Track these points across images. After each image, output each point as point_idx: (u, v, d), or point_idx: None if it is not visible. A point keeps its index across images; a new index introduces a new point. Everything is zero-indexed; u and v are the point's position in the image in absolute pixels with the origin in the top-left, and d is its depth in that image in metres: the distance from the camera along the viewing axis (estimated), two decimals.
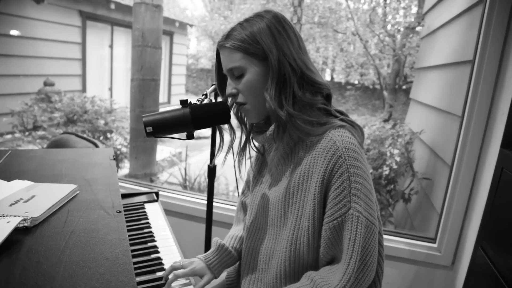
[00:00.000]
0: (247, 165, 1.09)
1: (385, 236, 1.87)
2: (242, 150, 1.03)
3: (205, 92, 1.05)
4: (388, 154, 3.00)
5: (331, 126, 0.87)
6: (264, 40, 0.86)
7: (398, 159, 2.97)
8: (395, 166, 2.91)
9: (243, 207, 1.20)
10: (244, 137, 1.03)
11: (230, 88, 0.93)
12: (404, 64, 4.85)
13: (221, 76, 0.98)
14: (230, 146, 1.04)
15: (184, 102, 0.88)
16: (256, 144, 1.06)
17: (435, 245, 1.80)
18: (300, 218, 0.88)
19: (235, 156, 1.03)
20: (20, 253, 0.72)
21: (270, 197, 0.97)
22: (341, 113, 0.94)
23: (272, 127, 0.91)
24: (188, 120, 0.87)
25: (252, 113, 0.93)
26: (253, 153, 1.09)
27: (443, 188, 1.80)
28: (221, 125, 1.01)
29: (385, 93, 5.14)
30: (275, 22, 0.88)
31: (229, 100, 0.94)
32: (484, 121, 1.60)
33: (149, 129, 0.86)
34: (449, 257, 1.75)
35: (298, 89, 0.87)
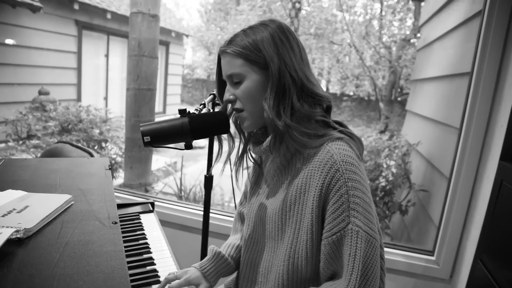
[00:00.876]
0: (244, 175, 1.08)
1: None
2: (240, 160, 1.01)
3: (203, 102, 1.04)
4: (385, 165, 3.00)
5: (329, 138, 0.85)
6: (267, 48, 0.85)
7: (394, 170, 2.97)
8: (391, 178, 2.91)
9: (241, 217, 1.18)
10: (242, 147, 1.02)
11: (228, 94, 0.91)
12: (400, 76, 4.90)
13: (221, 82, 0.97)
14: (229, 156, 1.03)
15: (182, 112, 0.87)
16: (253, 155, 1.05)
17: (433, 258, 1.78)
18: (298, 232, 0.86)
19: (232, 166, 1.02)
20: (12, 265, 0.69)
21: (267, 209, 0.95)
22: (341, 124, 0.93)
23: (269, 138, 0.90)
24: (187, 130, 0.85)
25: (248, 121, 0.92)
26: (251, 163, 1.08)
27: (441, 200, 1.79)
28: (220, 135, 1.00)
29: (381, 104, 5.17)
30: (279, 32, 0.87)
31: (229, 107, 0.93)
32: (482, 134, 1.60)
33: (147, 138, 0.84)
34: (448, 270, 1.73)
35: (297, 100, 0.85)
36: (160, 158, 5.53)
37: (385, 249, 1.84)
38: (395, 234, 3.00)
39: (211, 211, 2.08)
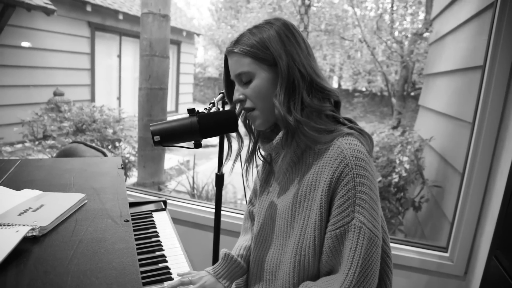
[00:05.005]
0: (254, 173, 1.08)
1: (395, 245, 1.84)
2: (250, 158, 1.02)
3: (212, 101, 1.05)
4: (398, 161, 2.96)
5: (339, 133, 0.86)
6: (274, 46, 0.86)
7: (407, 166, 2.93)
8: (404, 174, 2.88)
9: (251, 216, 1.19)
10: (251, 145, 1.03)
11: (237, 94, 0.92)
12: (412, 71, 4.83)
13: (229, 83, 0.98)
14: (238, 154, 1.03)
15: (191, 111, 0.88)
16: (263, 153, 1.06)
17: (447, 254, 1.76)
18: (305, 228, 0.86)
19: (242, 164, 1.03)
20: (28, 262, 0.71)
21: (277, 206, 0.96)
22: (350, 121, 0.93)
23: (279, 136, 0.91)
24: (196, 129, 0.87)
25: (260, 119, 0.93)
26: (260, 162, 1.08)
27: (454, 196, 1.77)
28: (229, 134, 1.00)
29: (394, 100, 5.11)
30: (284, 29, 0.88)
31: (237, 107, 0.94)
32: (496, 128, 1.57)
33: (157, 138, 0.86)
34: (462, 267, 1.71)
35: (307, 95, 0.86)
36: (173, 157, 5.58)
37: (398, 245, 1.84)
38: (408, 230, 2.97)
39: (223, 209, 2.10)
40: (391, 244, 1.84)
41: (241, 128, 1.01)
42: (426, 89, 3.77)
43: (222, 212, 2.05)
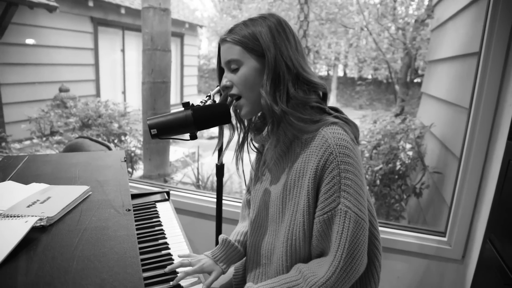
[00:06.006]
0: (247, 164, 1.13)
1: (395, 231, 1.87)
2: (240, 148, 1.06)
3: (209, 94, 1.09)
4: (400, 148, 2.99)
5: (324, 123, 0.90)
6: (264, 38, 0.90)
7: (410, 153, 2.95)
8: (407, 161, 2.90)
9: (248, 204, 1.24)
10: (242, 136, 1.07)
11: (225, 80, 0.96)
12: (415, 58, 4.80)
13: (221, 71, 1.02)
14: (228, 144, 1.08)
15: (186, 105, 0.92)
16: (256, 144, 1.10)
17: (445, 239, 1.79)
18: (295, 214, 0.91)
19: (234, 154, 1.07)
20: (37, 249, 0.77)
21: (271, 194, 1.00)
22: (336, 110, 0.97)
23: (268, 127, 0.95)
24: (190, 122, 0.91)
25: (246, 108, 0.97)
26: (253, 152, 1.13)
27: (453, 182, 1.80)
28: (223, 125, 1.05)
29: (397, 87, 5.10)
30: (276, 24, 0.92)
31: (229, 99, 0.98)
32: (491, 114, 1.59)
33: (154, 131, 0.90)
34: (460, 251, 1.74)
35: (292, 87, 0.90)
36: (179, 149, 5.63)
37: (397, 231, 1.87)
38: (412, 217, 3.00)
39: (228, 198, 2.15)
40: (391, 230, 1.88)
41: (234, 119, 1.05)
42: (428, 76, 3.76)
43: (227, 202, 2.10)
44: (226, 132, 1.10)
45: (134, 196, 1.53)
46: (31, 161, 1.36)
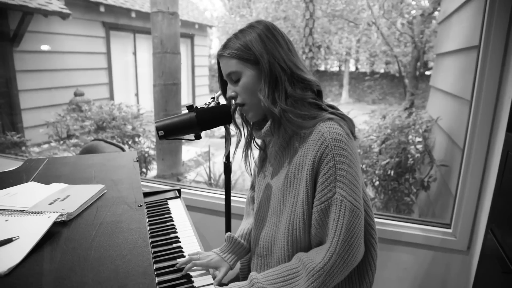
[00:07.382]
0: (253, 159, 1.20)
1: (401, 223, 1.91)
2: (247, 147, 1.13)
3: (213, 96, 1.16)
4: (409, 142, 3.01)
5: (321, 119, 0.96)
6: (256, 46, 0.96)
7: (419, 147, 2.97)
8: (416, 155, 2.92)
9: (252, 200, 1.31)
10: (248, 135, 1.14)
11: (230, 91, 1.04)
12: (423, 51, 4.78)
13: (224, 82, 1.09)
14: (237, 144, 1.15)
15: (190, 107, 1.00)
16: (259, 141, 1.17)
17: (450, 230, 1.81)
18: (295, 205, 0.97)
19: (242, 153, 1.14)
20: (60, 241, 0.87)
21: (272, 187, 1.07)
22: (332, 107, 1.03)
23: (267, 124, 1.02)
24: (194, 123, 0.99)
25: (251, 112, 1.04)
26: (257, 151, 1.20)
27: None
28: (228, 126, 1.12)
29: (406, 80, 5.09)
30: (265, 31, 0.99)
31: (233, 103, 1.05)
32: (492, 106, 1.61)
33: (161, 133, 0.98)
34: (465, 242, 1.76)
35: (289, 86, 0.97)
36: (191, 149, 5.73)
37: (403, 223, 1.91)
38: (422, 210, 3.02)
39: (237, 194, 2.21)
40: (397, 223, 1.92)
41: (239, 120, 1.12)
42: (436, 69, 3.76)
43: (236, 198, 2.17)
44: (233, 132, 1.17)
45: (147, 194, 1.61)
46: (51, 163, 1.45)
